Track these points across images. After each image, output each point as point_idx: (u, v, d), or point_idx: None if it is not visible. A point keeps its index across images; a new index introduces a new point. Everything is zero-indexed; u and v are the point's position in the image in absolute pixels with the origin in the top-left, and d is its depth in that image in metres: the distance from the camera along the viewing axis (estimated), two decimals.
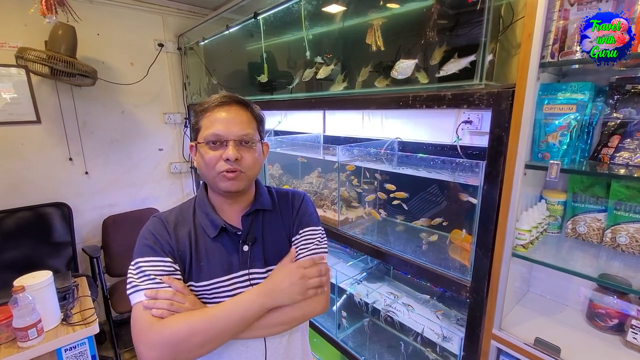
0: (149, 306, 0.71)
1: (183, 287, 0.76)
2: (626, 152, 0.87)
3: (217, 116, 0.77)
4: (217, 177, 0.78)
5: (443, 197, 1.33)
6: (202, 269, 0.79)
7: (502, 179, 0.92)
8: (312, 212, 0.93)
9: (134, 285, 0.74)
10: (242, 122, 0.78)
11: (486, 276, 0.99)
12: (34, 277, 1.32)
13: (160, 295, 0.72)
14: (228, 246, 0.82)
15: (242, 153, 0.78)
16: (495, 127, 0.91)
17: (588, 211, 1.00)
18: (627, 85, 0.91)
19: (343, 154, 1.51)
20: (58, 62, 1.88)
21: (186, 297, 0.75)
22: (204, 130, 0.78)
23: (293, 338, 0.87)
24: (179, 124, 2.81)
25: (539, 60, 0.82)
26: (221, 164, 0.77)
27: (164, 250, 0.77)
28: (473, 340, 1.07)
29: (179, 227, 0.82)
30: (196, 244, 0.81)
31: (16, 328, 1.24)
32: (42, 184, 2.25)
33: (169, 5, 2.54)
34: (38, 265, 2.04)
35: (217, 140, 0.77)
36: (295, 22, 1.69)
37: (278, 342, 0.83)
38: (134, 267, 0.76)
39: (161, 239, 0.79)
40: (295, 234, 0.89)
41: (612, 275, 0.87)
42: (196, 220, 0.83)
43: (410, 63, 1.15)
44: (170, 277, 0.76)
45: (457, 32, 1.15)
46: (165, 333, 0.69)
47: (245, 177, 0.80)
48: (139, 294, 0.73)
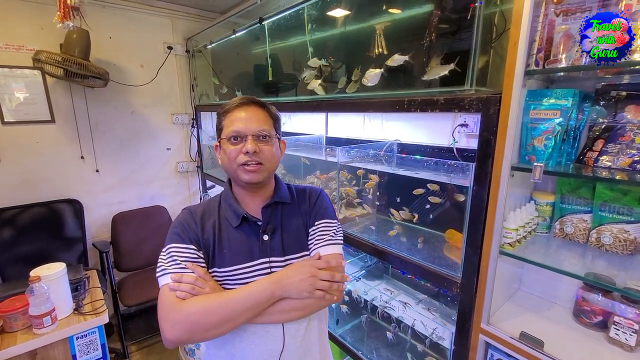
0: (174, 288, 0.79)
1: (205, 273, 0.84)
2: (609, 156, 0.91)
3: (237, 115, 0.87)
4: (239, 170, 0.86)
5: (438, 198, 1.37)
6: (225, 256, 0.86)
7: (490, 180, 0.96)
8: (328, 206, 0.99)
9: (163, 268, 0.82)
10: (259, 120, 0.87)
11: (475, 273, 1.04)
12: (49, 268, 1.40)
13: (184, 279, 0.80)
14: (249, 235, 0.89)
15: (261, 146, 0.86)
16: (484, 131, 0.96)
17: (575, 212, 1.04)
18: (612, 91, 0.95)
19: (342, 154, 1.57)
20: (72, 64, 1.97)
21: (207, 282, 0.82)
22: (225, 129, 0.87)
23: (311, 326, 0.91)
24: (187, 125, 2.89)
25: (524, 68, 0.86)
26: (241, 156, 0.85)
27: (190, 239, 0.85)
28: (463, 334, 1.11)
29: (206, 218, 0.90)
30: (219, 233, 0.88)
31: (32, 315, 1.32)
32: (55, 181, 2.34)
33: (178, 9, 2.62)
34: (51, 259, 2.12)
35: (238, 136, 0.85)
36: (299, 26, 1.75)
37: (296, 328, 0.88)
38: (165, 252, 0.84)
39: (188, 228, 0.87)
40: (311, 226, 0.95)
41: (597, 274, 0.91)
42: (221, 212, 0.92)
43: (377, 72, 1.29)
44: (194, 264, 0.83)
45: (451, 40, 1.20)
46: (184, 312, 0.76)
47: (265, 169, 0.87)
48: (166, 277, 0.81)
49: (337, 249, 0.92)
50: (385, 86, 1.37)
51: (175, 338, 0.76)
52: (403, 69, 1.25)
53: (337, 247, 0.92)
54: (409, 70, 1.26)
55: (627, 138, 0.90)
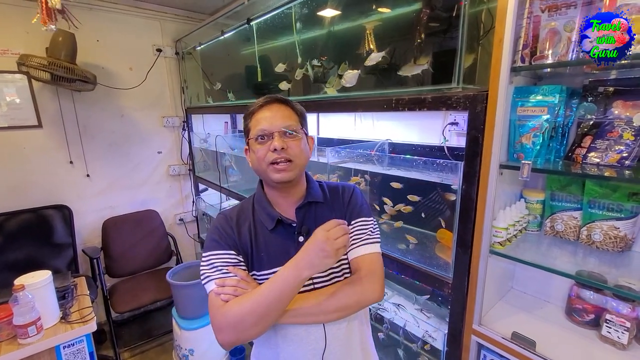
0: (218, 292, 0.79)
1: (247, 275, 0.83)
2: (597, 152, 0.90)
3: (262, 115, 0.86)
4: (269, 169, 0.84)
5: (428, 198, 1.36)
6: (263, 260, 0.86)
7: (479, 179, 0.95)
8: (362, 204, 0.96)
9: (207, 275, 0.82)
10: (284, 116, 0.86)
11: (466, 273, 1.02)
12: (34, 276, 1.36)
13: (227, 283, 0.80)
14: (285, 237, 0.88)
15: (288, 142, 0.84)
16: (471, 129, 0.95)
17: (565, 209, 1.03)
18: (600, 87, 0.94)
19: (332, 155, 1.55)
20: (58, 68, 1.93)
21: (250, 283, 0.82)
22: (252, 130, 0.86)
23: (352, 325, 0.90)
24: (177, 127, 2.86)
25: (510, 64, 0.85)
26: (270, 154, 0.83)
27: (229, 244, 0.85)
28: (455, 335, 1.10)
29: (241, 222, 0.89)
30: (256, 237, 0.87)
31: (16, 325, 1.28)
32: (44, 186, 2.30)
33: (166, 11, 2.59)
34: (39, 266, 2.08)
35: (264, 135, 0.84)
36: (289, 26, 1.73)
37: (337, 328, 0.87)
38: (205, 260, 0.84)
39: (225, 234, 0.86)
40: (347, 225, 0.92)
41: (588, 272, 0.90)
42: (255, 215, 0.90)
43: (355, 73, 1.33)
44: (236, 267, 0.83)
45: (442, 39, 1.19)
46: (225, 315, 0.77)
47: (295, 165, 0.85)
48: (211, 283, 0.81)
49: (376, 247, 0.90)
50: (364, 86, 1.38)
51: (224, 341, 0.77)
52: (384, 67, 1.24)
53: (375, 247, 0.90)
54: (390, 69, 1.25)
55: (615, 134, 0.89)
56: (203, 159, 2.98)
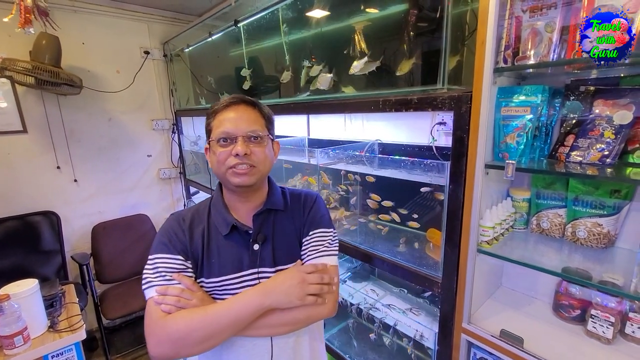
0: (159, 301, 0.75)
1: (192, 284, 0.79)
2: (580, 151, 0.91)
3: (226, 116, 0.81)
4: (228, 173, 0.80)
5: (417, 198, 1.36)
6: (213, 266, 0.82)
7: (465, 178, 0.96)
8: (323, 214, 0.94)
9: (149, 280, 0.78)
10: (249, 120, 0.82)
11: (455, 272, 1.03)
12: (19, 285, 1.34)
13: (170, 292, 0.76)
14: (239, 244, 0.84)
15: (252, 148, 0.81)
16: (457, 129, 0.96)
17: (550, 207, 1.05)
18: (581, 86, 0.96)
19: (322, 156, 1.55)
20: (43, 72, 1.90)
21: (194, 293, 0.78)
22: (215, 130, 0.82)
23: (300, 340, 0.88)
24: (167, 130, 2.83)
25: (493, 65, 0.86)
26: (231, 159, 0.79)
27: (177, 249, 0.81)
28: (446, 334, 1.11)
29: (195, 225, 0.85)
30: (208, 242, 0.84)
31: (2, 336, 1.26)
32: (30, 193, 2.26)
33: (152, 12, 2.56)
34: (27, 274, 2.03)
35: (227, 138, 0.80)
36: (277, 27, 1.73)
37: (284, 342, 0.85)
38: (150, 263, 0.80)
39: (175, 237, 0.82)
40: (305, 235, 0.90)
41: (573, 269, 0.91)
42: (210, 219, 0.87)
43: (329, 77, 1.39)
44: (181, 274, 0.79)
45: (427, 39, 1.19)
46: (167, 328, 0.73)
47: (257, 171, 0.82)
48: (152, 290, 0.77)
49: (332, 260, 0.88)
50: (337, 88, 1.40)
51: (161, 355, 0.74)
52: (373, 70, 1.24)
53: (332, 259, 0.88)
54: (379, 70, 1.25)
55: (596, 132, 0.90)
56: (194, 162, 2.95)
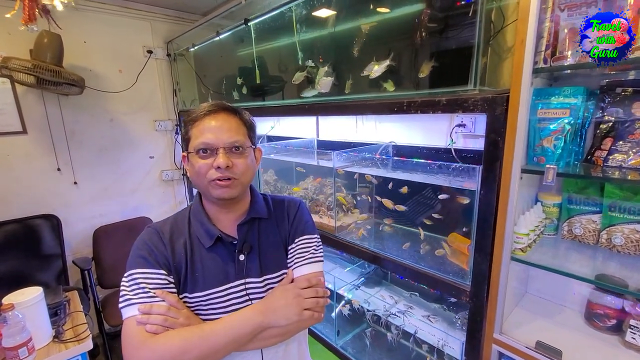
0: (142, 321, 0.69)
1: (177, 301, 0.74)
2: (619, 155, 0.88)
3: (206, 125, 0.77)
4: (210, 185, 0.77)
5: (438, 201, 1.32)
6: (197, 280, 0.78)
7: (499, 184, 0.92)
8: (307, 220, 0.92)
9: (127, 298, 0.72)
10: (231, 129, 0.78)
11: (486, 281, 0.99)
12: (24, 293, 1.27)
13: (154, 310, 0.70)
14: (224, 256, 0.81)
15: (234, 160, 0.77)
16: (490, 132, 0.92)
17: (583, 213, 1.01)
18: (617, 88, 0.92)
19: (338, 159, 1.50)
20: (44, 71, 1.83)
21: (180, 311, 0.73)
22: (194, 140, 0.77)
23: (289, 348, 0.86)
24: (170, 131, 2.77)
25: (532, 65, 0.82)
26: (212, 172, 0.76)
27: (159, 262, 0.75)
28: (474, 344, 1.07)
29: (175, 238, 0.80)
30: (192, 255, 0.79)
31: (6, 348, 1.19)
32: (30, 195, 2.18)
33: (156, 11, 2.50)
34: (27, 280, 1.99)
35: (207, 149, 0.76)
36: (286, 27, 1.68)
37: (274, 351, 0.83)
38: (127, 279, 0.74)
39: (156, 250, 0.77)
40: (291, 243, 0.88)
41: (608, 276, 0.88)
42: (191, 230, 0.82)
43: (329, 80, 1.40)
44: (164, 291, 0.73)
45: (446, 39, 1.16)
46: (158, 350, 0.67)
47: (239, 183, 0.79)
48: (132, 308, 0.71)
49: (318, 267, 0.86)
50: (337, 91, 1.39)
51: None
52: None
53: (317, 265, 0.86)
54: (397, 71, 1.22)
55: (636, 136, 0.87)
56: None
